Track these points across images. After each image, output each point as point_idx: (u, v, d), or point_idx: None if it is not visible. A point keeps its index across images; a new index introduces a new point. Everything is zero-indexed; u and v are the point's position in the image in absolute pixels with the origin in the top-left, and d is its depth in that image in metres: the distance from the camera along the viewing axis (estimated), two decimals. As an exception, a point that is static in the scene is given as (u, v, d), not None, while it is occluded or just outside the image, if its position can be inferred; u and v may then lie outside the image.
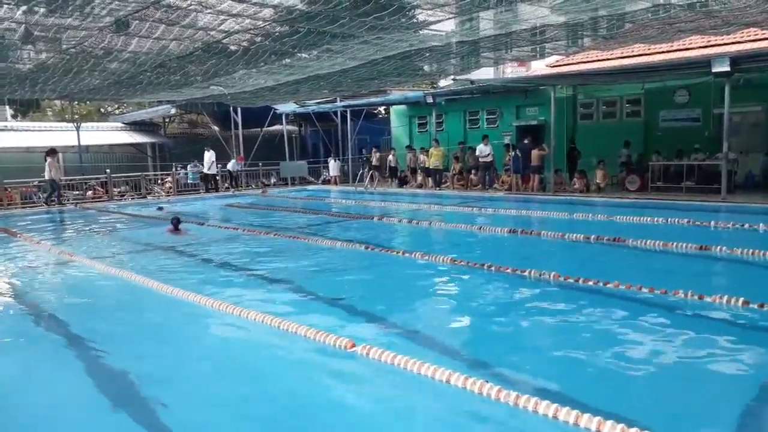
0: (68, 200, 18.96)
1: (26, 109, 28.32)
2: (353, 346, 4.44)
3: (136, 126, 27.89)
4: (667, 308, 5.37)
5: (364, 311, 5.71)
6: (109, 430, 3.57)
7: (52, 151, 16.99)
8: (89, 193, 20.02)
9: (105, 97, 18.23)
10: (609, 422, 3.09)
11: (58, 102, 31.60)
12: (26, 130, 24.60)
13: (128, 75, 12.38)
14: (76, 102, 26.64)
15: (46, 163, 16.64)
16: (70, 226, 13.52)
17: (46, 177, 16.84)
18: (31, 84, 13.26)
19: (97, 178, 20.54)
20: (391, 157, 21.75)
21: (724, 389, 3.85)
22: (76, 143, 22.75)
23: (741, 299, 5.27)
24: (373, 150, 22.69)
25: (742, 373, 4.05)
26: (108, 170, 19.37)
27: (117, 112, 34.90)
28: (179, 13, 8.31)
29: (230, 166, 22.57)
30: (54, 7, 7.81)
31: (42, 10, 7.97)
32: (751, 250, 7.41)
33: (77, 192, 19.98)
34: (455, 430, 3.45)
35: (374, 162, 22.01)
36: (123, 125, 27.97)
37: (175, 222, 11.23)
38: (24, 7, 7.78)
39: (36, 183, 19.14)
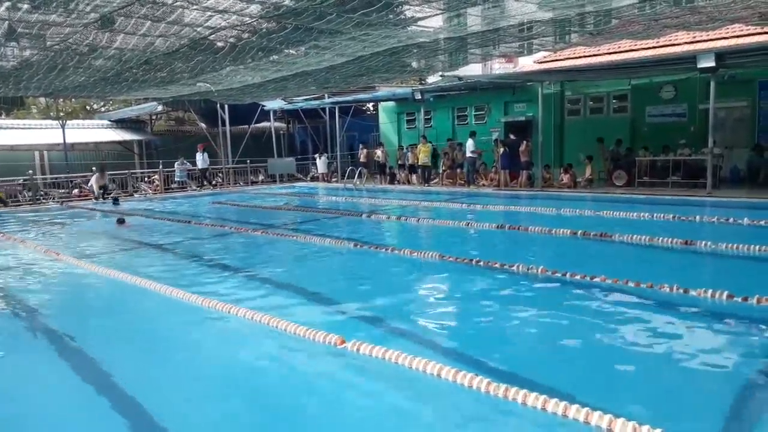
0: (53, 198, 18.85)
1: (10, 107, 27.94)
2: (343, 342, 4.45)
3: (123, 123, 27.62)
4: (653, 302, 5.42)
5: (354, 307, 5.71)
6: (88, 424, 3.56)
7: (100, 170, 18.50)
8: (75, 191, 19.85)
9: (90, 95, 18.10)
10: (597, 413, 3.13)
11: (42, 99, 31.26)
12: (10, 128, 24.29)
13: (114, 72, 12.27)
14: (61, 99, 26.36)
15: (93, 178, 18.26)
16: (55, 225, 13.38)
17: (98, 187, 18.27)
18: (15, 81, 13.09)
19: (83, 176, 20.36)
20: (380, 153, 21.75)
21: (706, 381, 3.90)
22: (62, 141, 22.53)
23: (725, 293, 5.34)
24: (361, 147, 22.74)
25: (725, 365, 4.10)
26: (93, 168, 19.19)
27: (103, 109, 34.60)
28: (165, 9, 8.24)
29: (199, 162, 21.59)
30: (38, 4, 7.71)
31: (25, 6, 7.87)
32: (735, 245, 7.50)
33: (63, 190, 19.81)
34: (446, 423, 3.47)
35: (362, 159, 22.03)
36: (109, 123, 27.70)
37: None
38: (7, 3, 7.69)
39: (20, 181, 18.97)
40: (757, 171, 14.59)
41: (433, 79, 22.05)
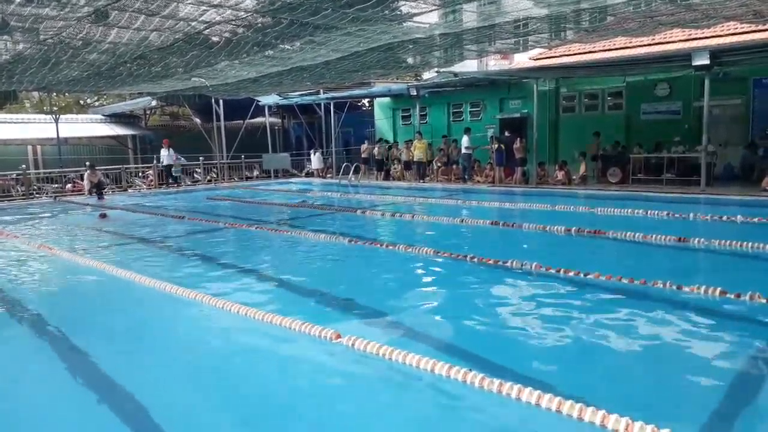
0: (47, 193, 18.76)
1: (3, 101, 27.80)
2: (339, 336, 4.45)
3: (117, 118, 27.49)
4: (646, 298, 5.44)
5: (349, 303, 5.72)
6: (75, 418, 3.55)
7: (91, 167, 17.97)
8: (68, 186, 19.76)
9: (84, 89, 17.96)
10: (590, 408, 3.14)
11: (36, 94, 31.05)
12: (3, 123, 24.14)
13: (108, 66, 12.20)
14: (54, 94, 26.19)
15: (85, 175, 17.94)
16: (48, 220, 13.33)
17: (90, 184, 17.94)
18: (7, 75, 13.00)
19: (76, 171, 20.25)
20: (376, 149, 21.72)
21: (700, 377, 3.92)
22: (55, 136, 22.41)
23: (718, 289, 5.36)
24: (366, 142, 22.76)
25: (716, 361, 4.12)
26: (87, 162, 19.08)
27: (97, 104, 34.41)
28: (159, 3, 8.18)
29: (164, 158, 20.52)
30: (31, -4, 7.65)
31: (19, -1, 7.81)
32: (728, 241, 7.53)
33: (56, 185, 19.71)
34: (440, 418, 3.47)
35: (364, 155, 22.08)
36: (103, 117, 27.57)
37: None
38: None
39: (13, 176, 18.87)
40: (751, 168, 14.64)
41: (428, 75, 22.04)
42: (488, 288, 6.24)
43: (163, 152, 20.60)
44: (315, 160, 23.54)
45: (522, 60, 22.23)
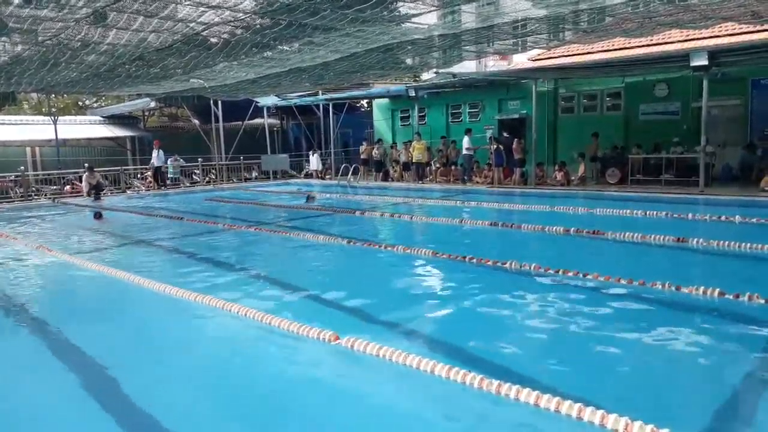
0: (45, 194, 18.74)
1: (2, 102, 27.76)
2: (337, 338, 4.45)
3: (115, 119, 27.47)
4: (645, 299, 5.44)
5: (348, 304, 5.71)
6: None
7: (89, 169, 17.92)
8: (67, 187, 19.74)
9: (83, 90, 17.98)
10: (589, 409, 3.14)
11: (34, 95, 31.04)
12: (2, 124, 24.12)
13: (106, 68, 12.21)
14: (53, 95, 26.19)
15: (84, 177, 17.90)
16: (46, 221, 13.32)
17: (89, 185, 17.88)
18: (6, 77, 13.01)
19: (75, 173, 20.24)
20: (375, 150, 21.73)
21: (699, 378, 3.92)
22: (54, 137, 22.41)
23: (717, 290, 5.36)
24: (365, 143, 22.77)
25: (714, 362, 4.13)
26: (86, 164, 19.07)
27: (95, 105, 34.40)
28: (158, 4, 8.19)
29: (154, 160, 20.38)
30: (29, -2, 7.66)
31: (17, 0, 7.81)
32: (726, 242, 7.53)
33: (55, 187, 19.69)
34: (439, 420, 3.47)
35: (363, 156, 22.10)
36: (101, 119, 27.54)
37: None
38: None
39: (12, 178, 18.86)
40: (750, 169, 14.66)
41: (427, 76, 22.07)
42: (487, 289, 6.22)
43: (153, 153, 20.63)
44: (314, 162, 23.53)
45: (521, 61, 22.25)
